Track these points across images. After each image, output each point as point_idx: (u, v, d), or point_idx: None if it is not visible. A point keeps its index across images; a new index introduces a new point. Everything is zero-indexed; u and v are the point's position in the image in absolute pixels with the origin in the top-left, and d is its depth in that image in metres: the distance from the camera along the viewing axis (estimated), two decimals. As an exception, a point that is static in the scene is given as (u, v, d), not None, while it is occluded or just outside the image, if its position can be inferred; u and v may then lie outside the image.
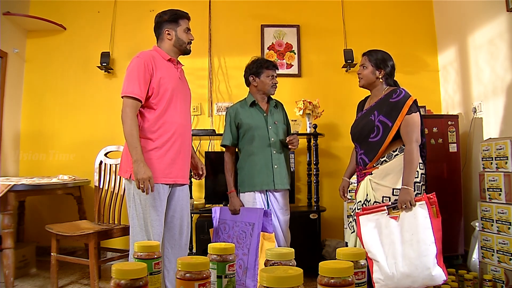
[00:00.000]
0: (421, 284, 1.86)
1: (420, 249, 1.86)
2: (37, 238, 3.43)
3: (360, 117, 2.22)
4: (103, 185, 3.07)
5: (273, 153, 2.45)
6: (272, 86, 2.50)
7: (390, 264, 1.90)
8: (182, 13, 2.19)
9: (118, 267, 0.73)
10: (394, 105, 2.05)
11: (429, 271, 1.83)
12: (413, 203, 1.93)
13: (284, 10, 3.89)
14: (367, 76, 2.17)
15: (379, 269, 1.92)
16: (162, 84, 2.05)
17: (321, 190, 3.49)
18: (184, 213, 2.19)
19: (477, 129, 3.23)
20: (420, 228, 1.89)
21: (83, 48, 3.80)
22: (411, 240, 1.89)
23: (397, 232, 1.93)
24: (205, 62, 3.81)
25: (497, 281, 2.39)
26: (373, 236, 1.98)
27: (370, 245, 1.97)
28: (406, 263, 1.87)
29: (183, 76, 2.26)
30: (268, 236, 2.35)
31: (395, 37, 3.84)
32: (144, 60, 2.03)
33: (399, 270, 1.87)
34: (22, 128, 3.75)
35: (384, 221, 1.97)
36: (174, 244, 2.15)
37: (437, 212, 1.93)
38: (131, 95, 1.97)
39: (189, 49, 2.21)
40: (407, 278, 1.85)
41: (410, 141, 2.01)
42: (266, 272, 0.65)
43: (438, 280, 1.85)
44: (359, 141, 2.17)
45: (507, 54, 2.87)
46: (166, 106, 2.07)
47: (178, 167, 2.11)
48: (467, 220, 3.16)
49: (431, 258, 1.85)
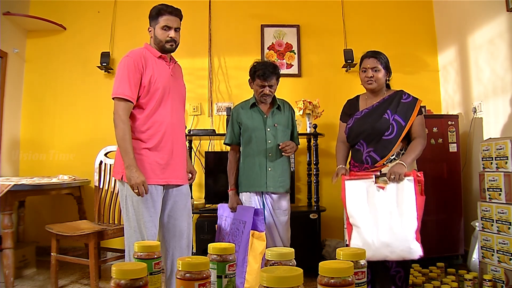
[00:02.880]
0: (398, 255, 1.90)
1: (403, 221, 1.90)
2: (37, 238, 3.43)
3: (365, 116, 2.21)
4: (103, 185, 3.07)
5: (268, 156, 2.43)
6: (261, 96, 2.43)
7: (371, 231, 1.93)
8: (164, 8, 2.04)
9: (118, 267, 0.72)
10: (408, 105, 2.14)
11: (408, 243, 1.87)
12: (402, 178, 1.97)
13: (284, 10, 3.89)
14: (380, 80, 2.19)
15: (358, 235, 1.96)
16: (153, 82, 1.99)
17: (321, 190, 3.49)
18: (182, 214, 2.12)
19: (477, 129, 3.23)
20: (405, 201, 1.94)
21: (83, 48, 3.80)
22: (395, 212, 1.93)
23: (382, 202, 1.97)
24: (205, 62, 3.81)
25: (497, 281, 2.39)
26: (357, 202, 2.01)
27: (354, 211, 2.00)
28: (387, 232, 1.90)
29: (177, 73, 2.17)
30: (258, 235, 2.35)
31: (395, 37, 3.84)
32: (133, 59, 1.97)
33: (379, 239, 1.91)
34: (22, 128, 3.75)
35: (370, 189, 2.01)
36: (174, 246, 2.10)
37: (422, 190, 1.98)
38: (122, 97, 1.94)
39: (169, 47, 2.05)
40: (386, 247, 1.89)
41: (422, 136, 2.12)
42: (266, 272, 0.65)
43: (415, 254, 1.89)
44: (369, 138, 2.16)
45: (507, 54, 2.88)
46: (157, 105, 2.01)
47: (171, 168, 2.05)
48: (467, 220, 3.16)
49: (412, 232, 1.89)
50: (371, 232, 1.93)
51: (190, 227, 2.18)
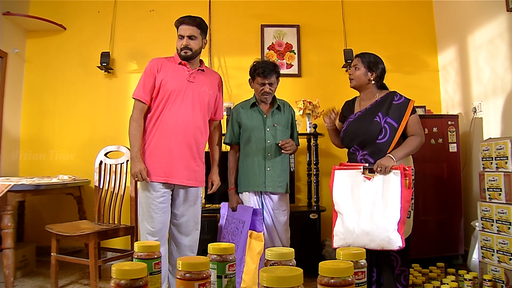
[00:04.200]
0: (377, 245, 1.91)
1: (385, 212, 1.92)
2: (37, 238, 3.43)
3: (358, 120, 2.22)
4: (103, 185, 3.07)
5: (267, 155, 2.43)
6: (262, 94, 2.44)
7: (353, 219, 1.98)
8: (179, 19, 2.25)
9: (118, 267, 0.73)
10: (399, 107, 2.13)
11: (388, 233, 1.88)
12: (388, 171, 1.99)
13: (284, 10, 3.89)
14: (359, 77, 2.22)
15: (341, 222, 2.01)
16: (163, 85, 2.19)
17: (321, 190, 3.49)
18: (188, 215, 2.28)
19: (477, 129, 3.23)
20: (390, 193, 1.96)
21: (83, 48, 3.80)
22: (379, 202, 1.96)
23: (367, 192, 2.01)
24: (205, 62, 3.80)
25: (497, 281, 2.39)
26: (343, 190, 2.07)
27: (339, 198, 2.06)
28: (368, 221, 1.94)
29: (200, 80, 2.28)
30: (256, 235, 2.36)
31: (395, 37, 3.84)
32: (150, 65, 2.24)
33: (360, 227, 1.94)
34: (22, 128, 3.75)
35: (357, 179, 2.06)
36: (178, 243, 2.29)
37: (409, 184, 1.98)
38: (136, 97, 2.22)
39: (184, 54, 2.22)
40: (366, 235, 1.92)
41: (418, 134, 2.12)
42: (266, 272, 0.65)
43: (394, 245, 1.89)
44: (363, 143, 2.17)
45: (507, 54, 2.88)
46: (163, 106, 2.19)
47: (171, 167, 2.18)
48: (467, 220, 3.16)
49: (393, 223, 1.90)
50: (352, 220, 1.98)
51: (197, 228, 2.33)
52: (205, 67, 2.37)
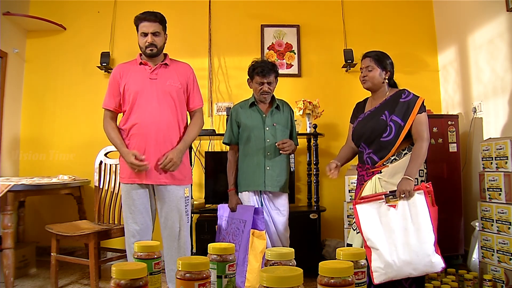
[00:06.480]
0: (422, 271, 1.88)
1: (420, 236, 1.88)
2: (37, 238, 3.43)
3: (366, 118, 2.20)
4: (103, 185, 3.07)
5: (267, 155, 2.43)
6: (261, 93, 2.44)
7: (390, 251, 1.89)
8: (139, 16, 2.23)
9: (118, 267, 0.73)
10: (406, 105, 2.09)
11: (429, 257, 1.85)
12: (412, 194, 1.94)
13: (284, 10, 3.89)
14: (375, 78, 2.16)
15: (378, 257, 1.91)
16: (127, 89, 2.21)
17: (321, 190, 3.49)
18: (172, 213, 2.21)
19: (477, 129, 3.23)
20: (419, 216, 1.91)
21: (83, 48, 3.80)
22: (411, 228, 1.90)
23: (396, 220, 1.94)
24: (205, 62, 3.81)
25: (497, 281, 2.39)
26: (372, 224, 1.97)
27: (369, 233, 1.96)
28: (406, 250, 1.87)
29: (164, 75, 2.23)
30: (258, 234, 2.36)
31: (395, 37, 3.84)
32: (113, 73, 2.28)
33: (400, 258, 1.87)
34: (22, 128, 3.75)
35: (382, 209, 1.98)
36: (170, 246, 2.23)
37: (433, 201, 1.96)
38: (103, 107, 2.28)
39: (150, 52, 2.20)
40: (408, 265, 1.86)
41: (422, 138, 2.05)
42: (266, 272, 0.65)
43: (438, 267, 1.87)
44: (368, 141, 2.15)
45: (507, 54, 2.87)
46: (130, 110, 2.20)
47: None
48: (467, 220, 3.15)
49: (431, 245, 1.87)
50: (390, 253, 1.89)
51: (184, 226, 2.25)
52: (170, 60, 2.30)
